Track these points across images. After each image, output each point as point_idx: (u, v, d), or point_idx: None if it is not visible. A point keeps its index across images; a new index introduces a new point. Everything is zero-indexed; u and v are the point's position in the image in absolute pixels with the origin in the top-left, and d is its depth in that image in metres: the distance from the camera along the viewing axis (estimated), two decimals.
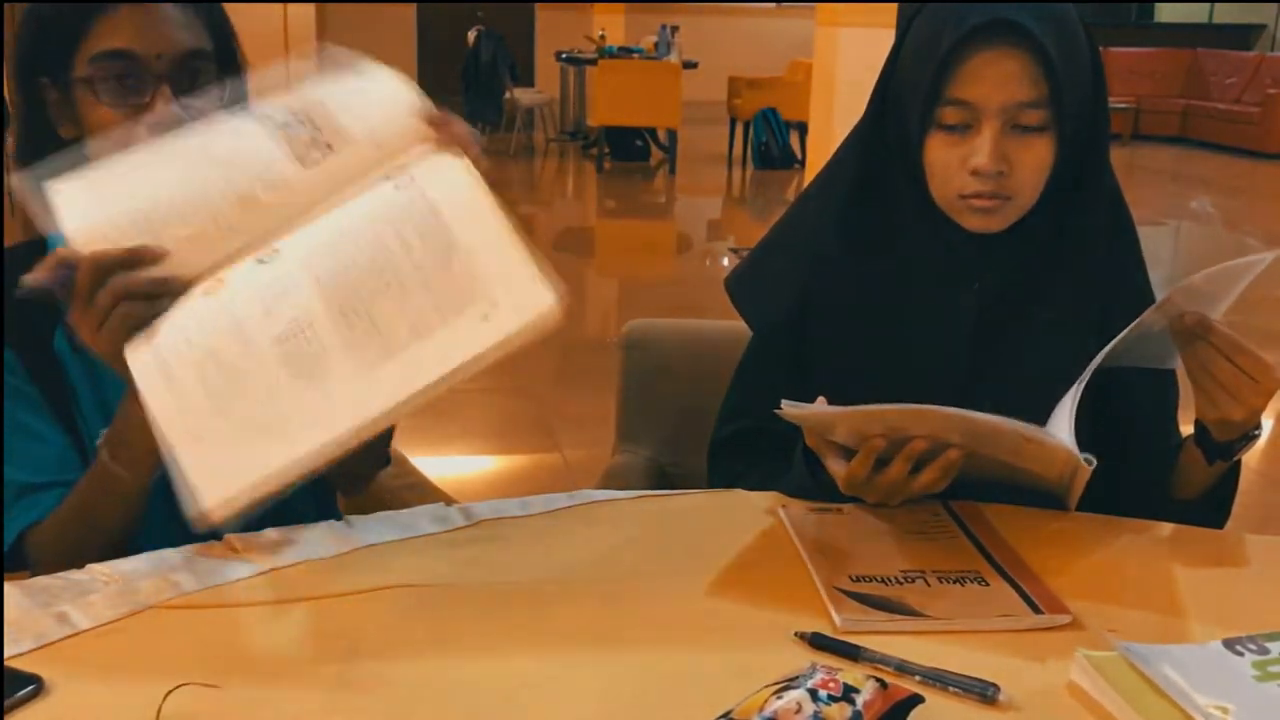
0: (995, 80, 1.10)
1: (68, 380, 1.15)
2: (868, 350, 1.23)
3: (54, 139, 1.14)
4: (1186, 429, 1.27)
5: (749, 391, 1.33)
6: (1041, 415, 1.17)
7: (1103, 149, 1.19)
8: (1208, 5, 13.77)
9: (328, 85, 0.98)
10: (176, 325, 0.90)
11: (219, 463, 0.87)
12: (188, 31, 1.13)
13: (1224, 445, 1.12)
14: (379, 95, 0.98)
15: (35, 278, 0.91)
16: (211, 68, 1.16)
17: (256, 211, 0.92)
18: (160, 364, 0.89)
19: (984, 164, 1.10)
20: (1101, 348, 1.13)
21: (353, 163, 0.95)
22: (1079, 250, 1.19)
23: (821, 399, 1.09)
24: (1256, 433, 1.12)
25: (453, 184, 0.90)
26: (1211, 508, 1.18)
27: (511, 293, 0.85)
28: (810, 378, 1.26)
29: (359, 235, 0.90)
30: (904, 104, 1.17)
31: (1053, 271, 1.19)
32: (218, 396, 0.87)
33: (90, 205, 0.93)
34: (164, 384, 0.89)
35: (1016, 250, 1.18)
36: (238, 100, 1.15)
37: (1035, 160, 1.12)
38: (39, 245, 1.18)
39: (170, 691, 0.79)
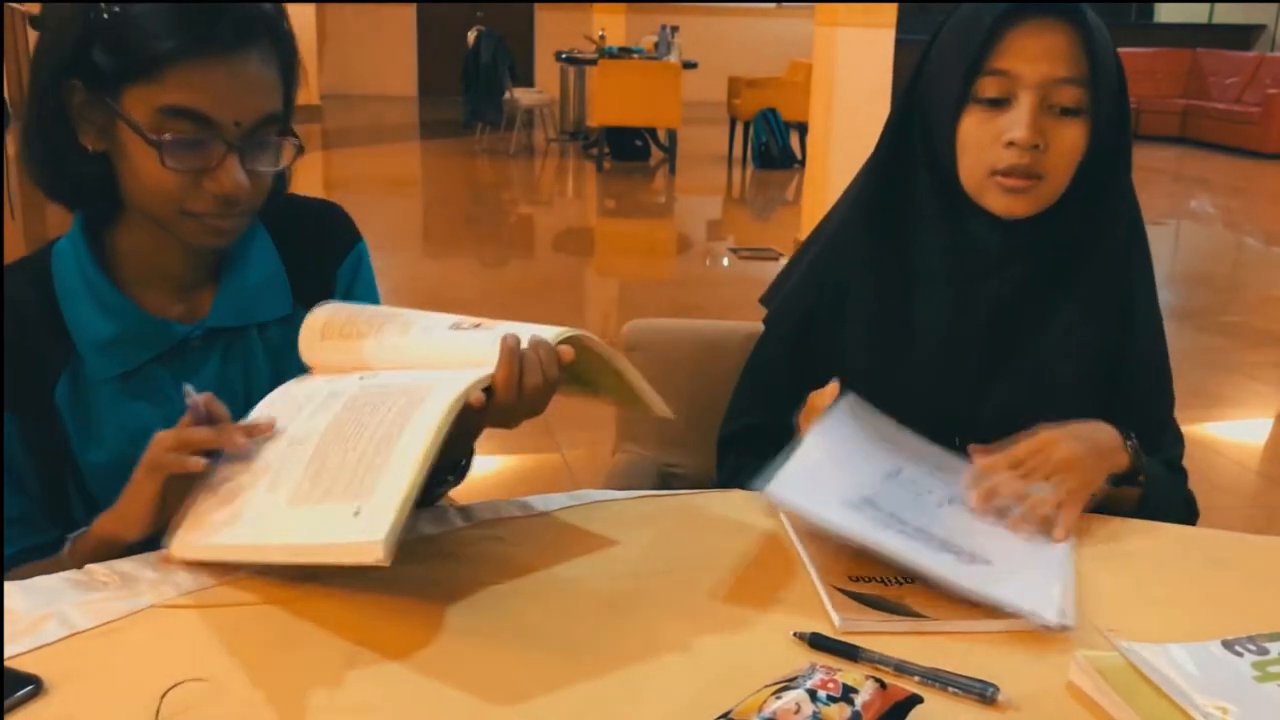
0: (1037, 52, 1.11)
1: (64, 432, 1.09)
2: (881, 341, 1.23)
3: (74, 146, 1.04)
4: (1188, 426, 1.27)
5: (758, 386, 1.33)
6: (1053, 413, 1.17)
7: (1127, 153, 1.20)
8: (1208, 5, 13.77)
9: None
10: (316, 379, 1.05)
11: (204, 511, 0.97)
12: (267, 96, 1.05)
13: (1121, 475, 1.14)
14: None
15: (193, 400, 0.98)
16: (275, 128, 1.08)
17: (400, 344, 1.03)
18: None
19: (1022, 135, 1.10)
20: (1120, 349, 1.15)
21: (480, 344, 0.98)
22: (1100, 250, 1.19)
23: (835, 384, 1.09)
24: (1131, 442, 1.14)
25: (440, 399, 0.91)
26: (1148, 514, 1.18)
27: (370, 514, 0.86)
28: (821, 369, 1.26)
29: (381, 395, 0.96)
30: (938, 88, 1.17)
31: (1072, 270, 1.19)
32: (247, 456, 0.99)
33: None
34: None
35: (1037, 245, 1.18)
36: (293, 160, 1.12)
37: (1070, 141, 1.13)
38: (45, 256, 1.12)
39: (167, 691, 0.79)
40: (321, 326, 1.09)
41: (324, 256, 1.24)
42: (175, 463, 0.96)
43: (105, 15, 0.98)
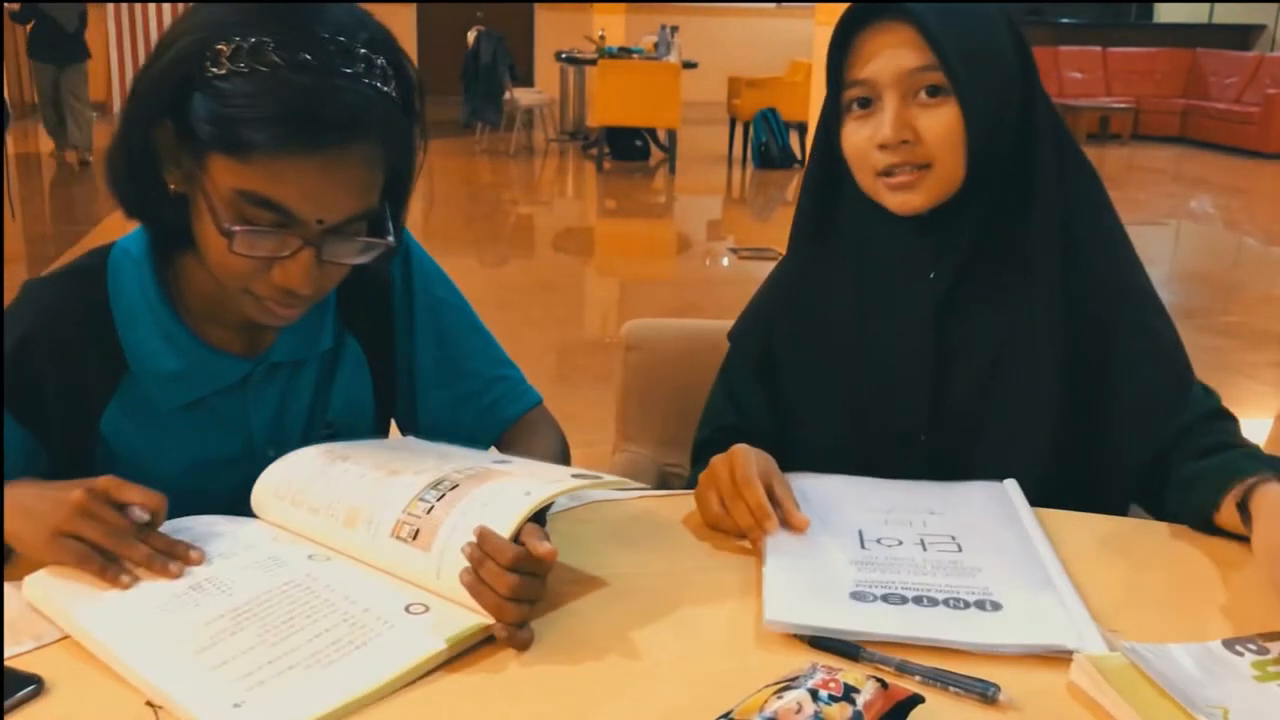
0: (883, 53, 1.13)
1: (105, 462, 1.05)
2: (834, 347, 1.24)
3: (157, 181, 0.98)
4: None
5: (727, 394, 1.34)
6: (1009, 399, 1.16)
7: (1041, 130, 1.17)
8: (1208, 5, 13.76)
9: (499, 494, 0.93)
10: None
11: (87, 583, 0.91)
12: (360, 195, 0.95)
13: None
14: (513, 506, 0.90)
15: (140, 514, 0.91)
16: (364, 225, 0.98)
17: (347, 538, 0.97)
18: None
19: (887, 135, 1.13)
20: (1090, 319, 1.16)
21: (421, 566, 0.91)
22: (1034, 230, 1.17)
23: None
24: None
25: (391, 658, 0.83)
26: None
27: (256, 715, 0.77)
28: (785, 383, 1.27)
29: (326, 599, 0.90)
30: (826, 102, 1.21)
31: (1005, 255, 1.19)
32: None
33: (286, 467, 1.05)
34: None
35: (963, 236, 1.18)
36: (378, 254, 1.00)
37: (941, 125, 1.13)
38: (99, 268, 1.06)
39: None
40: (275, 486, 1.04)
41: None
42: (99, 570, 0.89)
43: (209, 74, 0.90)
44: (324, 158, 0.91)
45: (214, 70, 0.90)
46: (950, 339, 1.20)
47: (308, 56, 0.90)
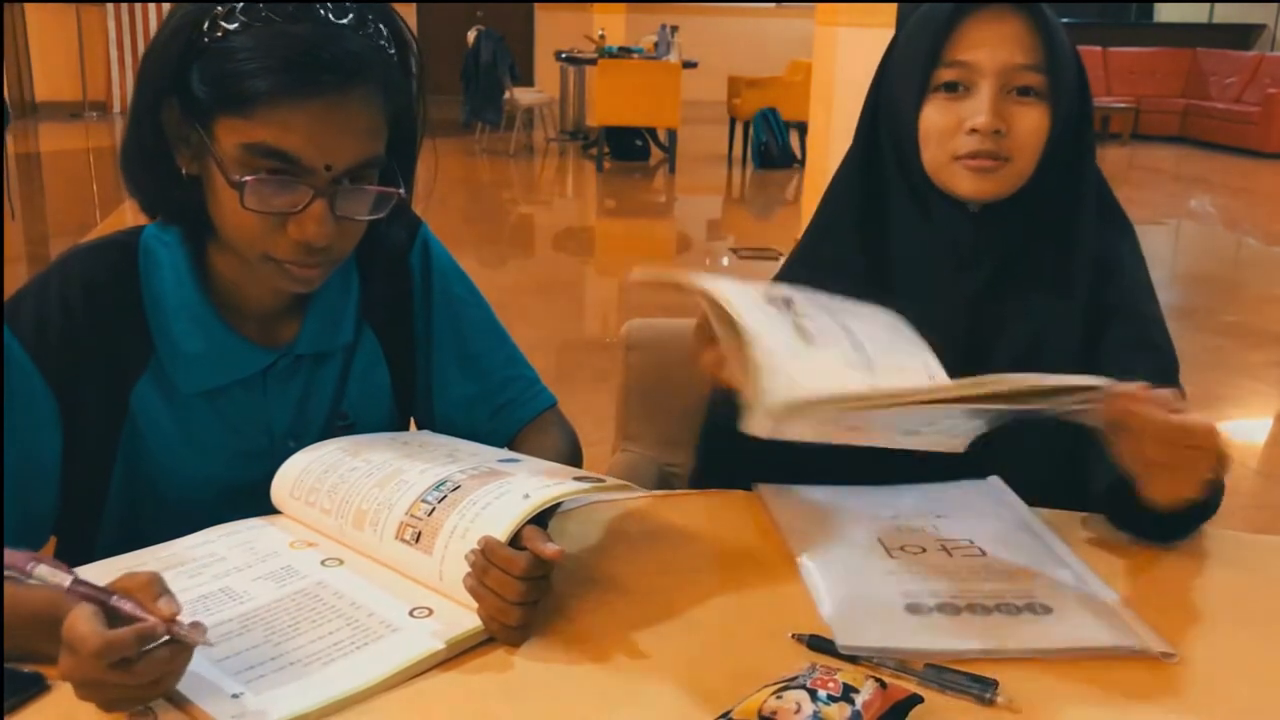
0: (994, 41, 1.14)
1: (128, 434, 1.06)
2: None
3: (169, 166, 1.00)
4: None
5: None
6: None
7: (1089, 140, 1.21)
8: (1208, 5, 13.76)
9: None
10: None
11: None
12: (366, 140, 0.97)
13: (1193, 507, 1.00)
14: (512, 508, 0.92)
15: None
16: (373, 174, 1.00)
17: (358, 538, 0.99)
18: None
19: (984, 121, 1.13)
20: (1092, 327, 1.16)
21: (424, 567, 0.93)
22: (1070, 234, 1.20)
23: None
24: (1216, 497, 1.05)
25: (382, 661, 0.84)
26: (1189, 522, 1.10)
27: (250, 707, 0.78)
28: None
29: (333, 606, 0.91)
30: (901, 79, 1.19)
31: (1045, 256, 1.20)
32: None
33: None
34: None
35: (1007, 236, 1.18)
36: (390, 210, 1.03)
37: (1032, 125, 1.14)
38: (130, 248, 1.06)
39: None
40: (291, 486, 1.06)
41: (393, 246, 1.18)
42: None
43: (206, 39, 0.93)
44: (325, 101, 0.93)
45: (211, 35, 0.93)
46: (979, 339, 1.19)
47: (301, 9, 0.93)
